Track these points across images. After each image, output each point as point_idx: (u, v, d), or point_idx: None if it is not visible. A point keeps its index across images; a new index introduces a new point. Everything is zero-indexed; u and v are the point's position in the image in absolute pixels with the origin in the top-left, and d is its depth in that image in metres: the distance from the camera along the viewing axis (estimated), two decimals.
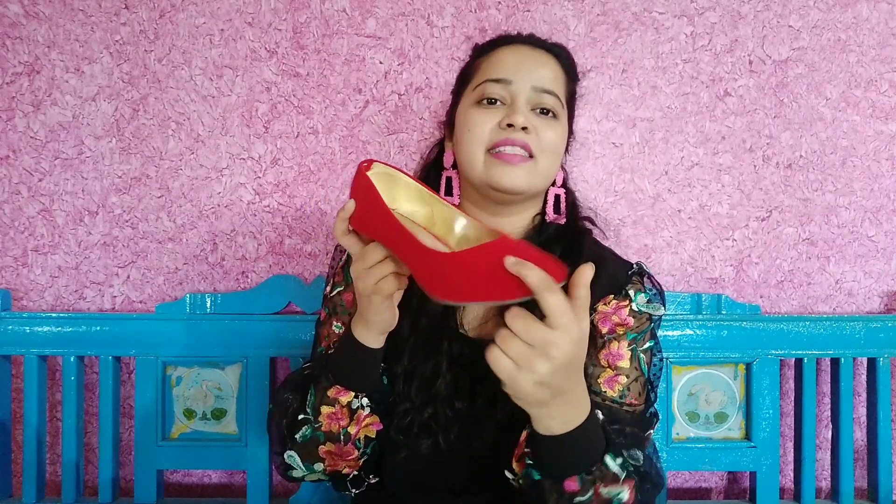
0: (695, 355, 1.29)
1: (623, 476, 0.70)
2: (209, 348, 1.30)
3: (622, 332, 0.84)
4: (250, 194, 1.37)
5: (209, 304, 1.32)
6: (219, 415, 1.33)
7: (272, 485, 1.32)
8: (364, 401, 0.82)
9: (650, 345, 0.85)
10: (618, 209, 1.37)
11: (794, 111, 1.37)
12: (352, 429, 0.81)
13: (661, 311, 0.87)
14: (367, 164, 0.73)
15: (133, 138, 1.37)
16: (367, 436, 0.83)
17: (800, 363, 1.32)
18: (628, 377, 0.82)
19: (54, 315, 1.31)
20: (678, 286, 1.38)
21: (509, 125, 0.82)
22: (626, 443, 0.74)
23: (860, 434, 1.38)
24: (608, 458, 0.70)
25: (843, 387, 1.30)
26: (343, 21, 1.36)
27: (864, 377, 1.36)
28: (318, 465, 0.84)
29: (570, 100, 0.91)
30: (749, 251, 1.38)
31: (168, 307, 1.32)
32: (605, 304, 0.86)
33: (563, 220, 0.91)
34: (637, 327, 0.85)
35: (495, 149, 0.83)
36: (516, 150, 0.82)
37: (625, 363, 0.82)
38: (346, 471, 0.86)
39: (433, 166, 0.96)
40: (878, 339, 1.30)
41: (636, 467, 0.73)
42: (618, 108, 1.37)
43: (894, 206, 1.39)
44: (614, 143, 1.37)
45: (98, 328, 1.30)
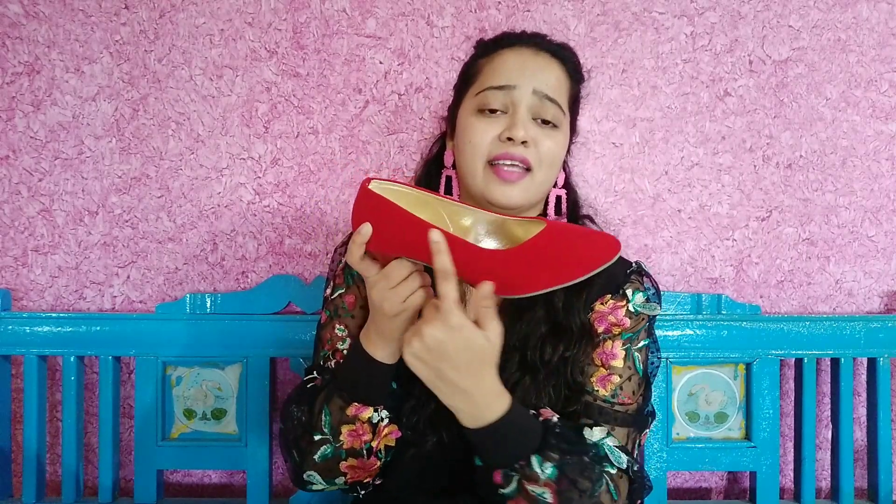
0: (695, 355, 1.29)
1: (544, 478, 0.72)
2: (209, 348, 1.29)
3: (617, 332, 0.84)
4: (250, 194, 1.37)
5: (209, 304, 1.32)
6: (219, 415, 1.33)
7: (272, 485, 1.33)
8: (383, 413, 0.82)
9: (645, 343, 0.85)
10: (618, 209, 1.37)
11: (794, 111, 1.37)
12: (374, 442, 0.81)
13: (658, 310, 0.87)
14: (368, 181, 0.72)
15: (133, 138, 1.37)
16: (388, 444, 0.83)
17: (800, 363, 1.32)
18: (621, 376, 0.83)
19: (54, 315, 1.31)
20: (678, 286, 1.38)
21: (509, 139, 0.82)
22: (569, 449, 0.75)
23: (860, 434, 1.38)
24: (534, 458, 0.73)
25: (843, 387, 1.30)
26: (343, 21, 1.36)
27: (864, 377, 1.36)
28: (339, 480, 0.83)
29: (574, 103, 0.91)
30: (749, 251, 1.38)
31: (168, 307, 1.32)
32: (602, 304, 0.86)
33: (564, 220, 0.91)
34: (633, 327, 0.85)
35: (494, 162, 0.83)
36: (515, 166, 0.82)
37: (618, 363, 0.83)
38: (366, 480, 0.85)
39: (433, 163, 0.96)
40: (878, 339, 1.30)
41: (576, 473, 0.74)
42: (618, 108, 1.37)
43: (894, 206, 1.39)
44: (614, 143, 1.37)
45: (98, 328, 1.30)
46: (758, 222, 1.38)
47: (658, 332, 0.89)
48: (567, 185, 0.94)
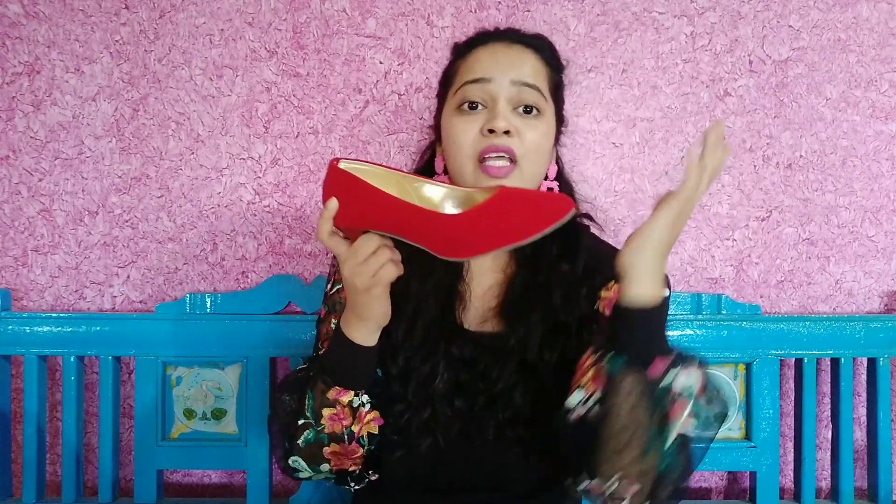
0: None
1: (697, 365, 0.71)
2: (209, 348, 1.29)
3: None
4: (250, 194, 1.37)
5: (209, 304, 1.32)
6: (219, 415, 1.33)
7: (272, 485, 1.32)
8: (364, 398, 0.82)
9: None
10: (618, 209, 1.37)
11: (794, 111, 1.37)
12: (355, 427, 0.82)
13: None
14: (336, 161, 0.75)
15: (133, 138, 1.37)
16: (370, 432, 0.83)
17: (800, 363, 1.32)
18: None
19: (54, 315, 1.31)
20: (678, 286, 1.38)
21: (490, 130, 0.82)
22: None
23: (860, 434, 1.38)
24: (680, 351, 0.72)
25: (843, 387, 1.30)
26: (343, 21, 1.36)
27: (864, 377, 1.36)
28: (323, 466, 0.84)
29: (556, 91, 0.91)
30: (749, 251, 1.38)
31: (168, 307, 1.32)
32: (608, 290, 0.86)
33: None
34: None
35: (482, 158, 0.83)
36: (501, 159, 0.82)
37: None
38: (351, 468, 0.86)
39: (425, 171, 0.96)
40: (878, 339, 1.30)
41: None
42: (618, 108, 1.37)
43: (894, 206, 1.39)
44: (614, 143, 1.37)
45: (98, 328, 1.30)
46: (758, 222, 1.38)
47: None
48: (560, 178, 0.94)
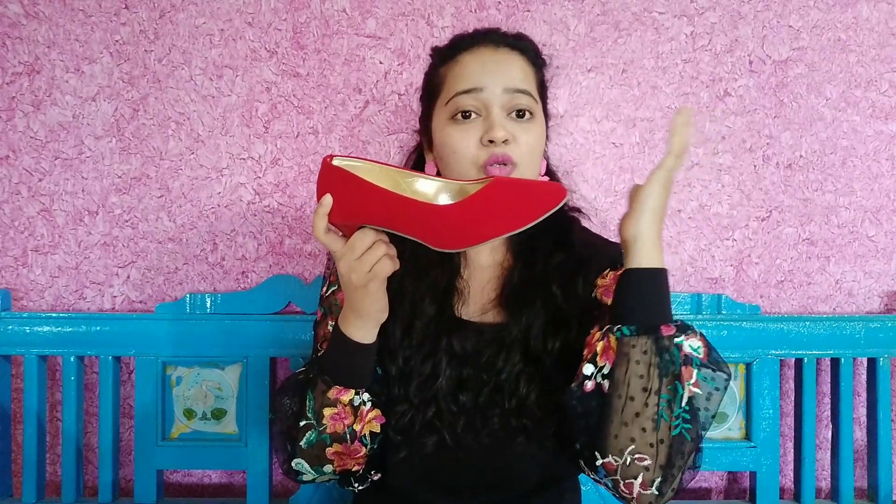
0: None
1: (699, 335, 0.75)
2: (209, 348, 1.29)
3: None
4: (250, 194, 1.37)
5: (209, 304, 1.32)
6: (219, 415, 1.33)
7: (272, 485, 1.33)
8: (365, 396, 0.82)
9: None
10: (618, 209, 1.37)
11: (794, 111, 1.37)
12: (357, 426, 0.82)
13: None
14: (330, 157, 0.75)
15: (133, 138, 1.37)
16: (372, 431, 0.83)
17: (800, 363, 1.32)
18: None
19: (54, 315, 1.31)
20: (678, 286, 1.38)
21: (490, 141, 0.82)
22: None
23: (860, 434, 1.38)
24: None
25: (843, 387, 1.30)
26: (343, 21, 1.36)
27: (864, 377, 1.36)
28: (327, 468, 0.84)
29: (542, 89, 0.91)
30: (749, 251, 1.38)
31: (168, 307, 1.32)
32: (603, 279, 0.87)
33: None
34: None
35: (483, 168, 0.82)
36: (502, 166, 0.82)
37: None
38: (355, 468, 0.86)
39: None
40: (878, 339, 1.30)
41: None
42: (618, 108, 1.37)
43: (894, 206, 1.39)
44: (614, 143, 1.37)
45: (98, 328, 1.30)
46: (758, 222, 1.38)
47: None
48: (548, 172, 0.94)
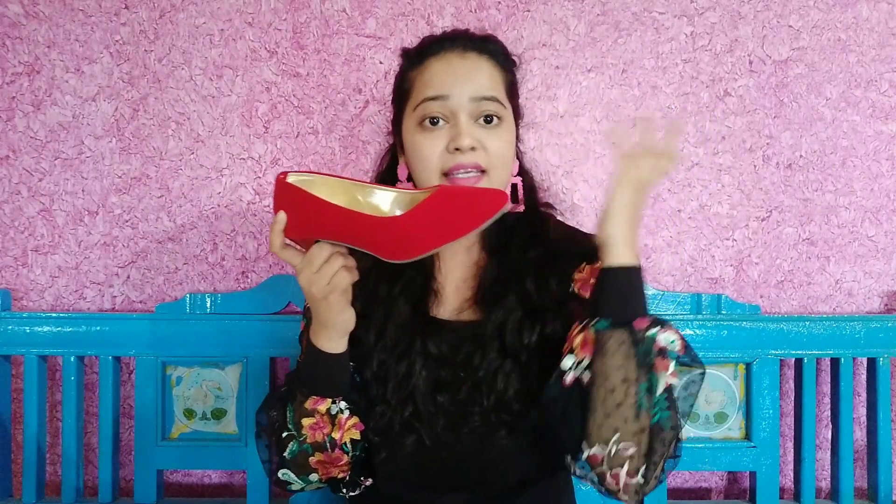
0: None
1: (674, 329, 0.76)
2: (209, 348, 1.29)
3: None
4: (250, 194, 1.37)
5: (209, 304, 1.32)
6: (219, 415, 1.33)
7: (272, 485, 1.32)
8: (342, 404, 0.83)
9: None
10: None
11: (794, 111, 1.37)
12: (335, 434, 0.83)
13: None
14: (284, 175, 0.77)
15: (133, 138, 1.37)
16: (353, 438, 0.84)
17: (800, 363, 1.32)
18: None
19: (54, 315, 1.31)
20: (678, 286, 1.38)
21: (456, 149, 0.82)
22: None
23: (860, 434, 1.38)
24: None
25: (843, 387, 1.30)
26: (343, 21, 1.36)
27: (864, 377, 1.36)
28: (312, 476, 0.85)
29: (511, 90, 0.91)
30: (749, 251, 1.38)
31: (168, 307, 1.32)
32: (580, 272, 0.88)
33: (522, 207, 0.91)
34: None
35: (449, 175, 0.83)
36: (469, 173, 0.82)
37: None
38: (339, 475, 0.87)
39: (386, 177, 0.95)
40: (878, 339, 1.30)
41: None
42: (618, 108, 1.37)
43: (894, 206, 1.39)
44: (614, 143, 1.37)
45: (98, 328, 1.30)
46: (758, 222, 1.38)
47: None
48: (521, 172, 0.93)
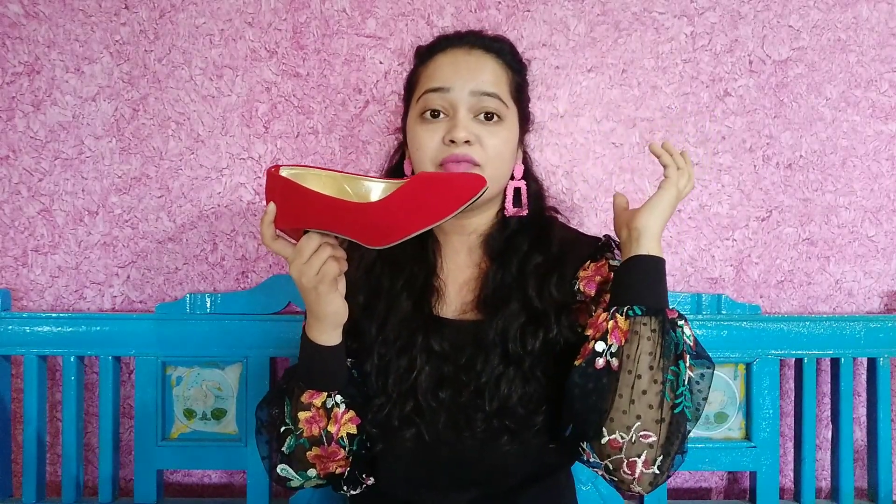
0: None
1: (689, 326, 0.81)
2: (209, 348, 1.29)
3: (608, 287, 0.86)
4: (250, 194, 1.37)
5: (209, 304, 1.32)
6: (219, 415, 1.33)
7: (272, 485, 1.32)
8: (338, 398, 0.84)
9: None
10: None
11: (794, 111, 1.37)
12: (332, 428, 0.83)
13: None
14: (276, 168, 0.78)
15: (133, 138, 1.37)
16: (350, 432, 0.84)
17: (800, 363, 1.32)
18: None
19: (54, 315, 1.31)
20: (678, 286, 1.38)
21: (452, 141, 0.83)
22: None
23: (860, 434, 1.38)
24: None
25: (843, 387, 1.30)
26: (343, 21, 1.36)
27: (864, 377, 1.36)
28: (310, 472, 0.85)
29: (518, 93, 0.91)
30: (749, 251, 1.38)
31: (168, 307, 1.32)
32: (585, 270, 0.89)
33: (525, 212, 0.92)
34: None
35: (442, 165, 0.84)
36: (461, 166, 0.83)
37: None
38: (338, 471, 0.87)
39: (394, 173, 0.97)
40: (878, 339, 1.30)
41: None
42: (618, 108, 1.37)
43: (894, 206, 1.39)
44: (614, 143, 1.37)
45: (98, 328, 1.30)
46: (758, 222, 1.38)
47: None
48: (527, 176, 0.94)
